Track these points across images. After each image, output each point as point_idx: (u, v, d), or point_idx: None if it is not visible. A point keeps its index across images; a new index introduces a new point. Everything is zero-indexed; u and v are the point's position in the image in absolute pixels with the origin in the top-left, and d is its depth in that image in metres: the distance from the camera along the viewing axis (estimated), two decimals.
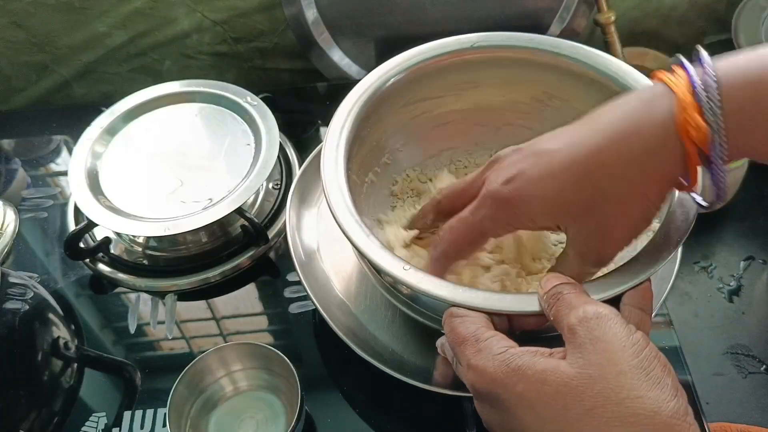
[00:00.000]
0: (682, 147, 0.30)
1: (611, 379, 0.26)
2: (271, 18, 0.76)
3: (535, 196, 0.34)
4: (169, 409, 0.41)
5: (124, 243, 0.59)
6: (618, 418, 0.25)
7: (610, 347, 0.27)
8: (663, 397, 0.25)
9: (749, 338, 0.56)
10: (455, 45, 0.48)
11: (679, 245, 0.35)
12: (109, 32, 0.75)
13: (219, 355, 0.44)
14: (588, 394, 0.26)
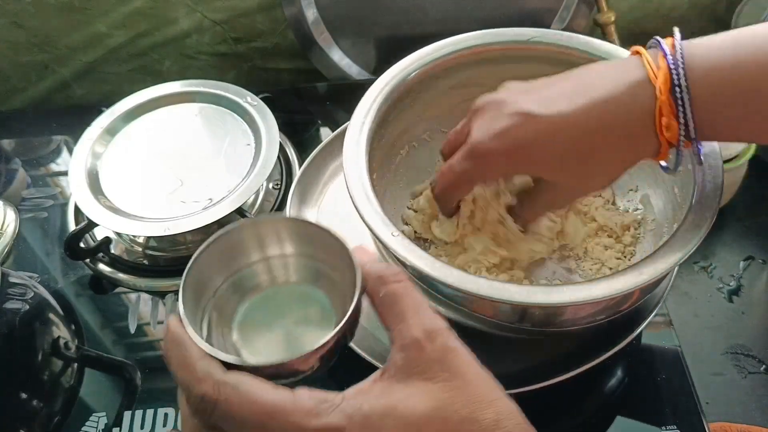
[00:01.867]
0: (657, 139, 0.34)
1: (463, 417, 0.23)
2: (271, 18, 0.76)
3: (517, 154, 0.36)
4: (184, 284, 0.28)
5: (125, 243, 0.59)
6: None
7: (466, 378, 0.24)
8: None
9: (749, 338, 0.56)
10: (512, 36, 0.50)
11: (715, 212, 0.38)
12: (110, 32, 0.75)
13: (256, 231, 0.32)
14: (451, 426, 0.23)
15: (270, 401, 0.23)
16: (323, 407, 0.23)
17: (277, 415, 0.22)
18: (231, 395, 0.23)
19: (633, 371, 0.49)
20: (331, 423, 0.22)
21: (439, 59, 0.49)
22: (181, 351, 0.25)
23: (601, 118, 0.34)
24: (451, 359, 0.24)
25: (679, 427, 0.45)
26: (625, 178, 0.49)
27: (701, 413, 0.46)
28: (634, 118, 0.34)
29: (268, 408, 0.23)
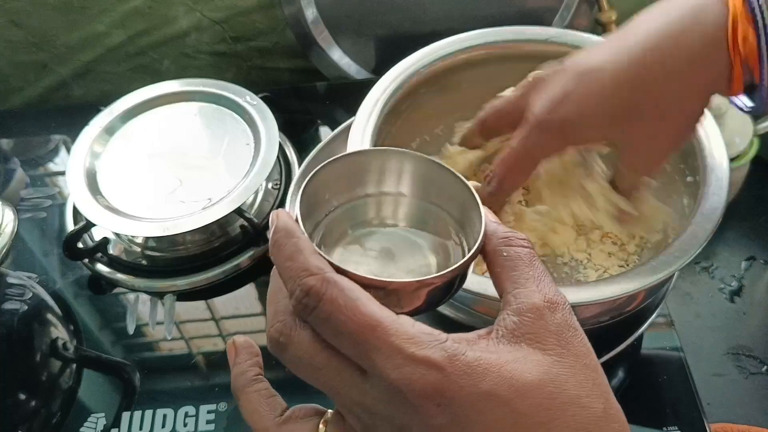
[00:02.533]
0: (728, 59, 0.30)
1: (582, 394, 0.22)
2: (271, 17, 0.75)
3: (585, 115, 0.34)
4: (303, 189, 0.25)
5: (123, 243, 0.58)
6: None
7: (580, 360, 0.22)
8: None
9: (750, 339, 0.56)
10: (530, 35, 0.50)
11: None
12: (108, 31, 0.75)
13: (381, 160, 0.29)
14: (557, 403, 0.21)
15: (375, 315, 0.21)
16: (426, 339, 0.21)
17: (378, 331, 0.21)
18: (338, 296, 0.21)
19: (634, 372, 0.49)
20: (431, 357, 0.20)
21: (455, 54, 0.49)
22: (292, 240, 0.23)
23: (660, 47, 0.32)
24: (569, 337, 0.22)
25: (680, 427, 0.45)
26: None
27: (702, 414, 0.46)
28: (700, 36, 0.31)
29: (372, 321, 0.21)
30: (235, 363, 0.26)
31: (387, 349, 0.21)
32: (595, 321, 0.41)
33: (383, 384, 0.21)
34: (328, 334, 0.22)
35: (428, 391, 0.20)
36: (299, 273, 0.22)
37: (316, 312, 0.21)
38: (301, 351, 0.22)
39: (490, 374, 0.21)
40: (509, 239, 0.24)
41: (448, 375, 0.20)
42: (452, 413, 0.20)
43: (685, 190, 0.44)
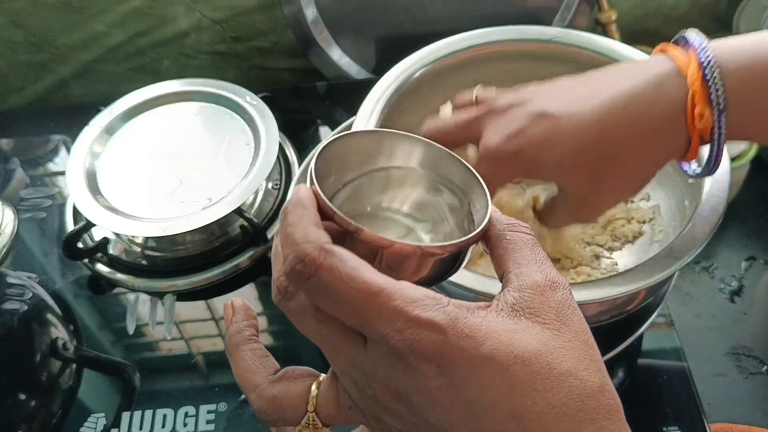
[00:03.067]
0: (687, 133, 0.32)
1: (579, 368, 0.22)
2: (271, 17, 0.75)
3: (538, 156, 0.35)
4: (319, 154, 0.26)
5: (123, 243, 0.58)
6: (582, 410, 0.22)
7: (579, 336, 0.23)
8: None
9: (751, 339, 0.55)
10: (534, 35, 0.50)
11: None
12: (108, 31, 0.75)
13: (392, 141, 0.29)
14: (555, 373, 0.21)
15: (375, 282, 0.21)
16: (429, 302, 0.21)
17: (379, 297, 0.21)
18: (336, 265, 0.21)
19: (634, 372, 0.49)
20: (433, 319, 0.20)
21: (456, 54, 0.49)
22: (300, 210, 0.23)
23: (624, 111, 0.33)
24: (568, 314, 0.23)
25: (681, 427, 0.45)
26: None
27: (702, 414, 0.46)
28: (662, 110, 0.32)
29: (372, 288, 0.21)
30: (232, 322, 0.26)
31: (388, 313, 0.21)
32: (596, 320, 0.41)
33: (384, 348, 0.21)
34: (326, 302, 0.22)
35: (428, 353, 0.20)
36: (297, 240, 0.22)
37: (312, 280, 0.21)
38: (306, 303, 0.22)
39: (491, 339, 0.21)
40: (513, 225, 0.25)
41: (449, 337, 0.20)
42: (450, 375, 0.21)
43: (687, 191, 0.45)
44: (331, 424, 0.24)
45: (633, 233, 0.49)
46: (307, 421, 0.24)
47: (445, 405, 0.21)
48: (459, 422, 0.21)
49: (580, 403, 0.21)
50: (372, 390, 0.22)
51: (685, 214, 0.44)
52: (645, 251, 0.47)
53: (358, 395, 0.23)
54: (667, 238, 0.46)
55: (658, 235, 0.48)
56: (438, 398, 0.21)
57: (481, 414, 0.21)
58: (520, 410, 0.21)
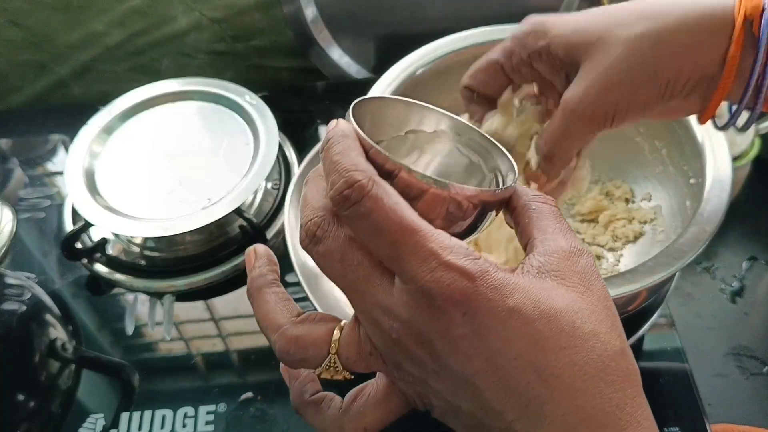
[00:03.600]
0: (731, 31, 0.31)
1: (603, 331, 0.22)
2: (270, 16, 0.75)
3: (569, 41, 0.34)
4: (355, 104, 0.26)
5: (122, 243, 0.58)
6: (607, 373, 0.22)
7: (602, 302, 0.23)
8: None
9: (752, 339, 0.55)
10: None
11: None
12: (107, 31, 0.75)
13: (421, 112, 0.29)
14: (579, 332, 0.22)
15: (414, 220, 0.21)
16: (461, 251, 0.21)
17: (416, 235, 0.21)
18: (381, 195, 0.21)
19: None
20: (465, 266, 0.21)
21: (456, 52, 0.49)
22: (347, 141, 0.23)
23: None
24: (592, 280, 0.23)
25: (681, 428, 0.45)
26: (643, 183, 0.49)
27: (703, 414, 0.46)
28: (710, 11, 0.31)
29: (411, 225, 0.21)
30: (255, 266, 0.26)
31: (423, 252, 0.21)
32: None
33: (413, 286, 0.21)
34: (365, 231, 0.22)
35: (457, 298, 0.21)
36: (347, 167, 0.22)
37: (357, 207, 0.21)
38: (335, 246, 0.22)
39: (518, 293, 0.21)
40: (538, 196, 0.25)
41: (478, 286, 0.21)
42: (476, 324, 0.21)
43: (688, 192, 0.44)
44: (350, 369, 0.24)
45: (634, 233, 0.49)
46: (329, 363, 0.24)
47: (468, 353, 0.21)
48: (480, 372, 0.21)
49: (602, 365, 0.21)
50: (396, 333, 0.22)
51: (687, 214, 0.44)
52: (646, 251, 0.47)
53: (380, 340, 0.23)
54: (669, 238, 0.46)
55: (659, 236, 0.48)
56: (461, 346, 0.21)
57: (503, 365, 0.21)
58: (543, 364, 0.21)
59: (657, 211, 0.49)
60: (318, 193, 0.24)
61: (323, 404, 0.26)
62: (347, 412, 0.25)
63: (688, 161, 0.45)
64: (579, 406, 0.21)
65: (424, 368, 0.22)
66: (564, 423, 0.21)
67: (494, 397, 0.21)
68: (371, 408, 0.25)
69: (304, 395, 0.26)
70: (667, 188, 0.48)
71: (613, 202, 0.51)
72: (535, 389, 0.21)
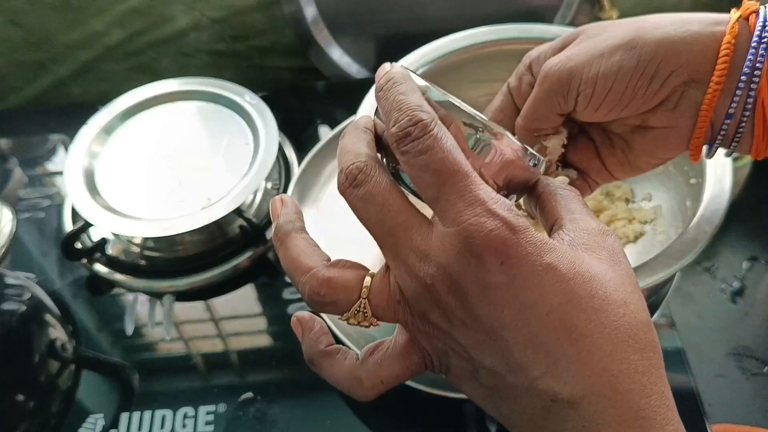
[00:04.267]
0: (715, 55, 0.28)
1: (631, 292, 0.22)
2: (270, 16, 0.75)
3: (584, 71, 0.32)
4: None
5: (122, 243, 0.58)
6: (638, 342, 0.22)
7: (630, 277, 0.23)
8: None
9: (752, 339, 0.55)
10: (538, 34, 0.49)
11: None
12: (107, 30, 0.75)
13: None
14: (611, 298, 0.22)
15: (468, 166, 0.22)
16: (507, 204, 0.21)
17: (466, 179, 0.21)
18: (442, 137, 0.22)
19: None
20: (509, 218, 0.21)
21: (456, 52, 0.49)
22: (410, 83, 0.24)
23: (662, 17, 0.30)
24: (620, 258, 0.23)
25: None
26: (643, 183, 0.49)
27: (703, 415, 0.46)
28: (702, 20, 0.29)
29: (464, 169, 0.22)
30: (282, 214, 0.26)
31: (471, 197, 0.21)
32: None
33: (454, 229, 0.21)
34: (419, 168, 0.22)
35: (497, 245, 0.21)
36: (412, 106, 0.22)
37: (417, 142, 0.22)
38: (376, 190, 0.23)
39: (556, 252, 0.21)
40: (564, 185, 0.26)
41: (519, 239, 0.21)
42: (512, 275, 0.21)
43: (689, 192, 0.44)
44: (378, 316, 0.24)
45: (634, 233, 0.49)
46: (358, 307, 0.24)
47: (501, 303, 0.21)
48: (510, 324, 0.21)
49: (631, 332, 0.21)
50: (430, 279, 0.22)
51: (687, 214, 0.44)
52: (646, 251, 0.47)
53: (411, 288, 0.23)
54: (669, 238, 0.46)
55: (659, 236, 0.48)
56: (495, 295, 0.21)
57: (534, 319, 0.21)
58: (574, 323, 0.21)
59: (657, 211, 0.49)
60: (359, 142, 0.24)
61: (339, 356, 0.25)
62: (365, 362, 0.25)
63: (689, 161, 0.45)
64: (606, 368, 0.21)
65: (452, 319, 0.22)
66: (590, 384, 0.21)
67: (521, 351, 0.21)
68: (389, 360, 0.25)
69: (319, 345, 0.26)
70: (668, 188, 0.48)
71: (614, 202, 0.51)
72: (564, 347, 0.21)
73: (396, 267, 0.23)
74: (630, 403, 0.21)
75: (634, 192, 0.51)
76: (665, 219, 0.48)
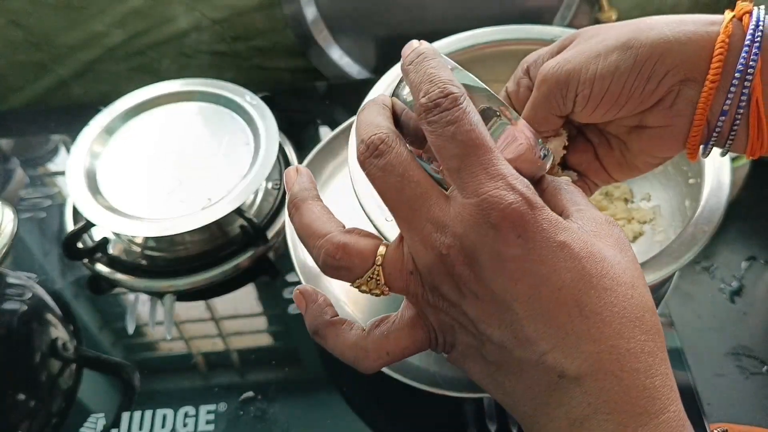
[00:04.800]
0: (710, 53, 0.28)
1: (640, 286, 0.23)
2: (270, 17, 0.75)
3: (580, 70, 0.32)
4: None
5: (123, 243, 0.58)
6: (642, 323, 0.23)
7: (636, 265, 0.24)
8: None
9: (751, 339, 0.55)
10: (536, 34, 0.49)
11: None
12: (108, 31, 0.75)
13: None
14: (621, 279, 0.22)
15: (492, 142, 0.22)
16: (526, 182, 0.22)
17: (490, 153, 0.22)
18: (470, 111, 0.22)
19: None
20: (528, 194, 0.22)
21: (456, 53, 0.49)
22: (439, 59, 0.24)
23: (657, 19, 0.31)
24: (626, 246, 0.24)
25: None
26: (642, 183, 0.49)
27: (703, 414, 0.46)
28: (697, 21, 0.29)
29: (489, 144, 0.22)
30: (297, 182, 0.27)
31: (493, 170, 0.22)
32: None
33: (474, 200, 0.22)
34: (445, 137, 0.22)
35: (514, 218, 0.21)
36: (444, 80, 0.23)
37: (445, 113, 0.22)
38: (397, 161, 0.23)
39: (570, 231, 0.22)
40: (568, 181, 0.27)
41: (536, 215, 0.22)
42: (527, 248, 0.21)
43: (688, 191, 0.45)
44: (389, 285, 0.24)
45: (633, 233, 0.49)
46: (372, 274, 0.24)
47: (515, 276, 0.21)
48: (523, 297, 0.22)
49: (638, 313, 0.22)
50: (446, 249, 0.22)
51: (686, 214, 0.44)
52: (645, 251, 0.47)
53: (424, 258, 0.23)
54: (668, 238, 0.46)
55: (658, 235, 0.48)
56: (509, 267, 0.21)
57: (546, 293, 0.21)
58: (585, 300, 0.21)
59: (656, 211, 0.49)
60: (379, 116, 0.25)
61: (345, 326, 0.26)
62: (371, 333, 0.25)
63: (687, 161, 0.45)
64: (614, 345, 0.21)
65: (464, 290, 0.22)
66: (598, 360, 0.21)
67: (532, 325, 0.22)
68: (395, 332, 0.25)
69: (324, 316, 0.26)
70: (667, 188, 0.48)
71: (613, 202, 0.51)
72: (575, 323, 0.21)
73: (411, 237, 0.23)
74: (636, 381, 0.21)
75: (633, 192, 0.51)
76: (664, 219, 0.48)
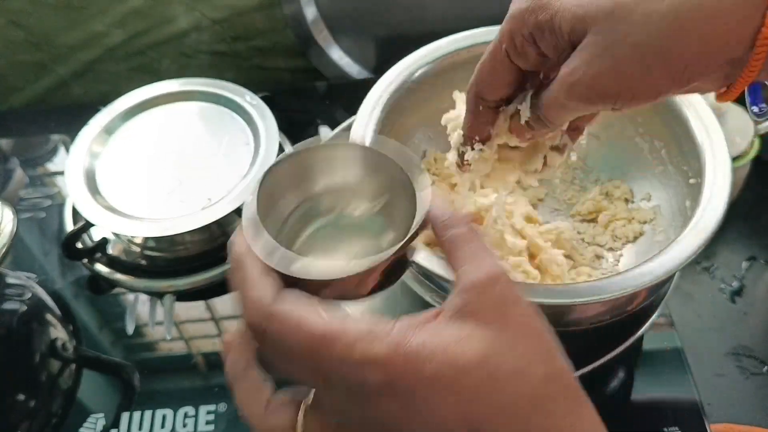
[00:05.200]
0: (764, 8, 0.26)
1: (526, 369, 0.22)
2: (270, 17, 0.75)
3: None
4: (258, 190, 0.27)
5: (122, 243, 0.58)
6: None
7: (520, 330, 0.23)
8: None
9: (751, 339, 0.55)
10: None
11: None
12: (108, 31, 0.75)
13: (327, 154, 0.29)
14: (499, 375, 0.22)
15: (319, 329, 0.22)
16: (369, 337, 0.22)
17: (324, 343, 0.22)
18: (280, 325, 0.23)
19: (635, 372, 0.49)
20: (374, 355, 0.22)
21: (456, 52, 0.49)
22: (240, 274, 0.24)
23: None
24: (509, 308, 0.23)
25: (681, 428, 0.45)
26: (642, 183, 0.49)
27: (703, 414, 0.46)
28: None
29: (317, 336, 0.22)
30: (228, 356, 0.27)
31: (336, 358, 0.22)
32: (596, 320, 0.41)
33: (342, 388, 0.22)
34: (281, 357, 0.23)
35: (378, 386, 0.22)
36: (244, 311, 0.24)
37: (265, 343, 0.23)
38: (276, 343, 0.24)
39: (435, 357, 0.22)
40: (447, 222, 0.26)
41: (394, 367, 0.22)
42: (402, 400, 0.22)
43: (689, 192, 0.44)
44: None
45: (634, 233, 0.49)
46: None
47: (407, 424, 0.22)
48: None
49: (530, 396, 0.22)
50: (345, 414, 0.23)
51: (686, 214, 0.44)
52: (646, 251, 0.47)
53: (337, 419, 0.24)
54: (668, 238, 0.46)
55: (658, 236, 0.48)
56: (398, 419, 0.22)
57: (439, 427, 0.22)
58: (473, 417, 0.22)
59: (656, 211, 0.49)
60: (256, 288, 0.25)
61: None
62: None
63: (688, 161, 0.45)
64: None
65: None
66: None
67: None
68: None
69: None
70: (667, 188, 0.48)
71: (613, 202, 0.51)
72: None
73: (318, 403, 0.25)
74: None
75: (633, 192, 0.51)
76: (665, 219, 0.48)
